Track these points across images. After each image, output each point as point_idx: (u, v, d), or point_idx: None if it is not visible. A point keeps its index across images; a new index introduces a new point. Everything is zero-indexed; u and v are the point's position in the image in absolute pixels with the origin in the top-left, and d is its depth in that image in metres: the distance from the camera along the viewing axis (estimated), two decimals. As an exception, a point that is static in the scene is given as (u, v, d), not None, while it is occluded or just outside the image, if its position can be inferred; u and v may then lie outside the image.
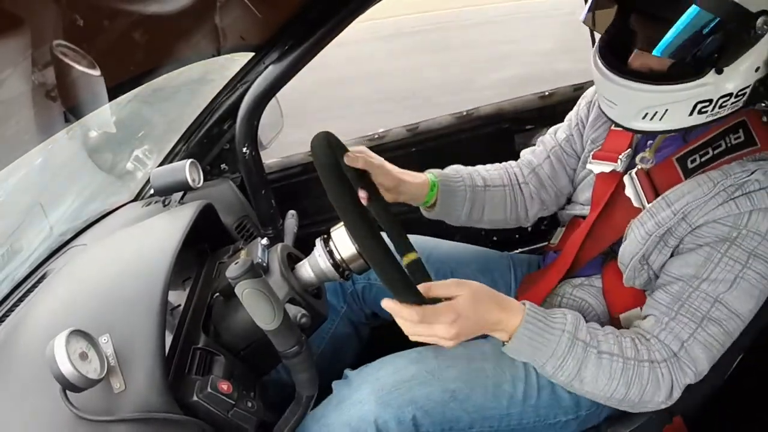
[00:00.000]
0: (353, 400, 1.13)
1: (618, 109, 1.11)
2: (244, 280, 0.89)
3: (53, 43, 1.14)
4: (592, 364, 1.04)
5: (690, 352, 1.05)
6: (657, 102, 1.05)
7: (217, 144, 1.87)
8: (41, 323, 1.05)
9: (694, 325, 1.05)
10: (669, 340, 1.06)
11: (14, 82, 1.15)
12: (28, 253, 1.50)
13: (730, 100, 1.05)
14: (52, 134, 1.42)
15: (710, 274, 1.05)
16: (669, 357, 1.05)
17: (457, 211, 1.40)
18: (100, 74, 1.29)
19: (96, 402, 0.86)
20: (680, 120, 1.07)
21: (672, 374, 1.05)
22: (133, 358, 0.91)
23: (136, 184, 1.80)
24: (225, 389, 0.95)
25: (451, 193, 1.38)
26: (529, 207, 1.48)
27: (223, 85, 1.78)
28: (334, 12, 1.53)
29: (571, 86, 2.21)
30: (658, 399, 1.06)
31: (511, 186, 1.47)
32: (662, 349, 1.06)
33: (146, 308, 0.99)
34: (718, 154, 1.10)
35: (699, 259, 1.06)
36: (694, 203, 1.07)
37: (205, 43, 1.56)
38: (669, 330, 1.06)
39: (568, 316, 1.07)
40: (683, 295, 1.06)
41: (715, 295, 1.04)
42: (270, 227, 1.82)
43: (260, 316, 0.91)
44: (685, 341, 1.05)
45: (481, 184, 1.43)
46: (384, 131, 2.14)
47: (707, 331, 1.04)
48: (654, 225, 1.11)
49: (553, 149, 1.47)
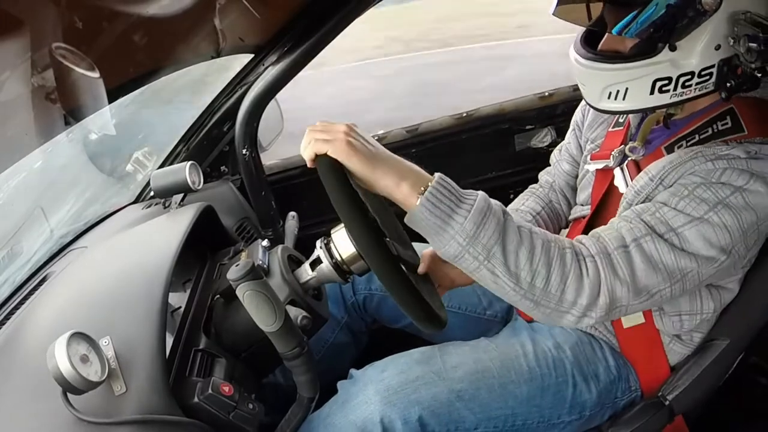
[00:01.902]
0: (359, 400, 1.14)
1: (588, 91, 1.15)
2: (245, 282, 0.89)
3: (53, 45, 1.14)
4: (513, 232, 0.93)
5: (629, 255, 0.97)
6: (617, 80, 1.08)
7: (217, 146, 1.87)
8: (42, 326, 1.05)
9: (645, 232, 0.98)
10: (610, 238, 0.99)
11: (14, 84, 1.15)
12: (29, 255, 1.50)
13: (694, 80, 1.05)
14: (52, 137, 1.42)
15: (675, 205, 1.00)
16: (598, 252, 0.97)
17: None
18: (99, 76, 1.29)
19: (97, 404, 0.86)
20: (642, 99, 1.08)
21: (600, 270, 0.96)
22: (133, 360, 0.91)
23: (136, 186, 1.81)
24: (226, 391, 0.95)
25: None
26: (561, 220, 1.52)
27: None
28: (333, 13, 1.53)
29: (571, 86, 2.21)
30: (581, 299, 0.95)
31: (548, 204, 1.51)
32: (591, 246, 0.98)
33: (147, 310, 0.99)
34: (704, 139, 1.11)
35: (666, 193, 1.03)
36: (670, 166, 1.07)
37: (204, 45, 1.56)
38: (614, 229, 1.01)
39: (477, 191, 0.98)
40: (645, 212, 1.01)
41: (674, 224, 0.99)
42: (270, 229, 1.83)
43: (261, 318, 0.91)
44: (628, 243, 0.98)
45: (531, 218, 1.46)
46: (384, 132, 2.14)
47: (656, 245, 0.98)
48: (634, 194, 1.12)
49: (557, 164, 1.53)
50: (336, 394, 1.21)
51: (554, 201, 1.52)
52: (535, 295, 0.95)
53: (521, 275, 0.94)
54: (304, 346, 0.97)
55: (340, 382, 1.22)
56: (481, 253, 0.92)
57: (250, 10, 1.45)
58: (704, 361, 1.20)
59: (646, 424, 1.21)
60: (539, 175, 1.59)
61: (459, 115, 2.17)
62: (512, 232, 0.94)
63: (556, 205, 1.52)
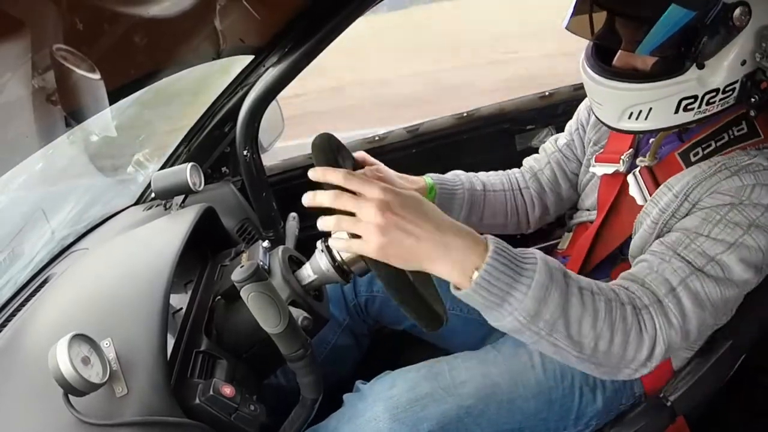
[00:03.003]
0: (367, 417, 1.13)
1: (604, 110, 1.11)
2: (250, 284, 0.88)
3: (53, 46, 1.14)
4: (576, 299, 0.88)
5: (678, 298, 0.95)
6: (640, 100, 1.05)
7: (217, 147, 1.87)
8: (43, 327, 1.05)
9: (688, 271, 0.97)
10: (657, 284, 0.97)
11: (14, 86, 1.15)
12: (30, 257, 1.50)
13: (718, 97, 1.03)
14: (53, 139, 1.42)
15: (710, 232, 0.99)
16: (652, 303, 0.95)
17: (455, 214, 1.39)
18: (100, 78, 1.29)
19: (98, 406, 0.86)
20: (666, 118, 1.06)
21: (656, 323, 0.93)
22: (135, 361, 0.91)
23: (137, 188, 1.81)
24: (227, 392, 0.95)
25: (448, 195, 1.38)
26: (530, 212, 1.49)
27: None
28: (333, 13, 1.53)
29: (572, 86, 2.21)
30: (641, 354, 0.93)
31: (512, 191, 1.48)
32: (644, 295, 0.95)
33: (148, 312, 0.99)
34: (721, 146, 1.09)
35: (697, 219, 1.02)
36: (694, 182, 1.05)
37: (205, 46, 1.56)
38: (659, 272, 0.98)
39: (536, 251, 0.91)
40: (680, 246, 1.00)
41: (712, 253, 0.98)
42: (271, 230, 1.82)
43: (266, 320, 0.91)
44: (675, 287, 0.96)
45: (480, 188, 1.43)
46: (384, 133, 2.14)
47: (701, 282, 0.96)
48: (658, 212, 1.09)
49: (553, 154, 1.50)
50: (342, 406, 1.20)
51: (533, 189, 1.48)
52: (598, 359, 0.92)
53: (584, 342, 0.90)
54: (307, 348, 0.97)
55: (346, 396, 1.21)
56: (543, 329, 0.87)
57: (251, 11, 1.45)
58: (706, 362, 1.19)
59: (648, 425, 1.20)
60: (524, 160, 1.55)
61: (459, 115, 2.17)
62: (575, 300, 0.88)
63: (530, 192, 1.47)
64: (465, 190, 1.40)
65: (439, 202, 1.36)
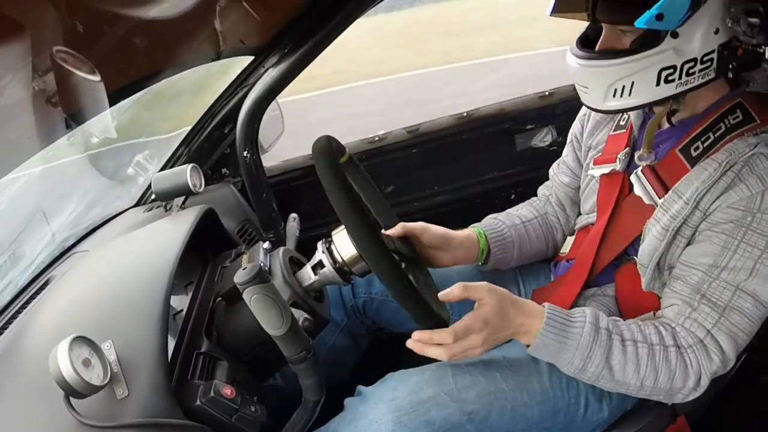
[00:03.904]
0: (369, 420, 1.12)
1: (590, 93, 1.14)
2: (252, 286, 0.88)
3: (53, 48, 1.14)
4: (618, 352, 1.05)
5: (715, 339, 1.05)
6: (623, 74, 1.07)
7: (217, 148, 1.88)
8: (44, 330, 1.05)
9: (717, 315, 1.04)
10: (695, 329, 1.06)
11: (15, 88, 1.15)
12: (31, 259, 1.50)
13: (697, 67, 1.05)
14: (53, 140, 1.42)
15: (729, 262, 1.04)
16: (695, 343, 1.05)
17: (509, 254, 1.43)
18: (100, 80, 1.29)
19: (99, 408, 0.86)
20: (649, 92, 1.08)
21: (700, 361, 1.05)
22: (136, 363, 0.91)
23: (138, 190, 1.81)
24: (228, 394, 0.95)
25: (500, 237, 1.41)
26: (555, 233, 1.51)
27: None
28: (332, 14, 1.53)
29: (571, 86, 2.20)
30: (689, 385, 1.06)
31: (541, 216, 1.51)
32: (688, 336, 1.06)
33: (149, 314, 0.99)
34: (720, 136, 1.11)
35: (716, 248, 1.06)
36: (703, 188, 1.07)
37: (204, 47, 1.56)
38: (693, 319, 1.06)
39: (586, 310, 1.09)
40: (703, 286, 1.06)
41: (735, 283, 1.04)
42: (272, 231, 1.82)
43: (268, 322, 0.91)
44: (710, 329, 1.05)
45: (519, 222, 1.46)
46: (384, 133, 2.14)
47: (730, 320, 1.04)
48: (669, 219, 1.11)
49: (555, 177, 1.53)
50: (343, 410, 1.19)
51: (550, 214, 1.51)
52: (647, 393, 1.09)
53: (630, 383, 1.07)
54: (310, 350, 0.97)
55: (347, 400, 1.20)
56: (591, 378, 1.08)
57: (250, 12, 1.45)
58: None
59: (649, 425, 1.20)
60: (538, 190, 1.58)
61: (459, 115, 2.17)
62: (617, 353, 1.06)
63: (551, 218, 1.51)
64: (509, 229, 1.43)
65: (494, 246, 1.40)
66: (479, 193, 2.23)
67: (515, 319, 1.07)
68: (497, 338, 1.07)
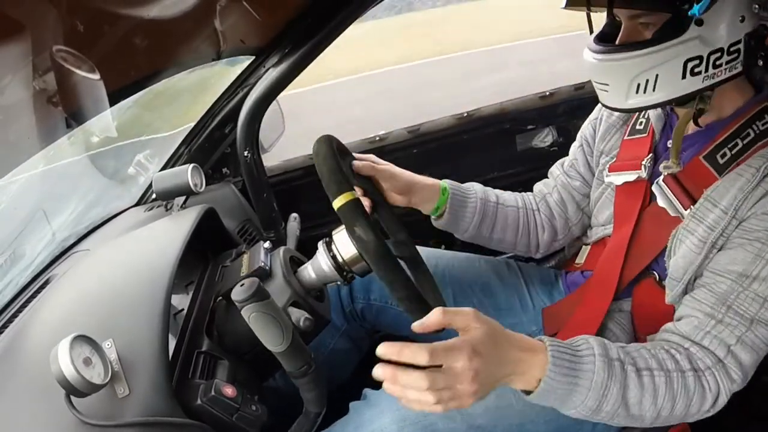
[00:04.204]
0: (375, 427, 1.11)
1: (611, 90, 1.08)
2: (251, 304, 0.87)
3: (54, 48, 1.14)
4: (634, 385, 0.94)
5: (737, 356, 0.98)
6: (646, 66, 1.02)
7: (218, 148, 1.88)
8: (45, 329, 1.05)
9: (743, 328, 0.98)
10: (714, 346, 0.99)
11: (15, 88, 1.15)
12: (31, 258, 1.50)
13: (724, 58, 1.00)
14: (53, 140, 1.42)
15: (760, 272, 0.98)
16: (714, 364, 0.98)
17: (466, 222, 1.37)
18: (100, 79, 1.29)
19: (100, 407, 0.86)
20: (675, 85, 1.02)
21: (719, 382, 0.98)
22: (136, 362, 0.91)
23: (138, 189, 1.81)
24: (229, 393, 0.95)
25: (461, 201, 1.36)
26: (540, 234, 1.45)
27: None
28: (333, 14, 1.53)
29: (572, 86, 2.21)
30: (704, 408, 0.99)
31: (525, 209, 1.44)
32: (705, 357, 0.98)
33: (149, 313, 0.99)
34: (749, 143, 1.06)
35: (748, 256, 0.99)
36: (741, 196, 1.01)
37: (205, 47, 1.56)
38: (715, 334, 0.99)
39: (590, 339, 0.97)
40: (731, 296, 0.99)
41: (765, 294, 0.98)
42: (272, 230, 1.82)
43: (268, 339, 0.90)
44: (732, 345, 0.98)
45: (494, 200, 1.41)
46: (385, 133, 2.14)
47: (755, 333, 0.98)
48: (706, 230, 1.04)
49: (558, 177, 1.47)
50: (348, 413, 1.18)
51: (541, 212, 1.45)
52: (661, 422, 0.99)
53: (646, 416, 0.97)
54: (311, 364, 0.97)
55: (352, 404, 1.19)
56: (605, 417, 0.96)
57: (251, 12, 1.45)
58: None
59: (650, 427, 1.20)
60: (534, 186, 1.53)
61: (460, 115, 2.17)
62: (633, 386, 0.94)
63: (539, 216, 1.45)
64: (478, 199, 1.38)
65: (451, 207, 1.34)
66: (480, 193, 2.22)
67: (510, 354, 0.88)
68: (490, 378, 0.86)
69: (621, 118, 1.33)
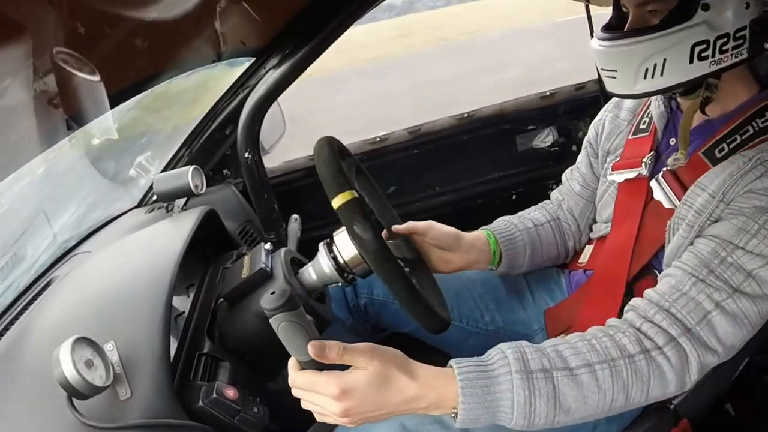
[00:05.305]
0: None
1: (619, 76, 1.09)
2: (282, 313, 0.86)
3: (54, 50, 1.14)
4: (569, 389, 0.89)
5: (713, 325, 0.93)
6: (654, 50, 1.03)
7: (219, 149, 1.88)
8: (46, 331, 1.05)
9: (725, 294, 0.94)
10: (687, 311, 0.94)
11: (16, 90, 1.16)
12: (33, 260, 1.50)
13: (730, 43, 1.02)
14: (54, 142, 1.42)
15: (746, 244, 0.95)
16: (681, 334, 0.92)
17: (521, 259, 1.37)
18: (101, 81, 1.29)
19: (102, 409, 0.86)
20: (682, 70, 1.03)
21: (688, 353, 0.92)
22: (138, 364, 0.91)
23: (139, 191, 1.81)
24: (230, 395, 0.95)
25: (510, 240, 1.36)
26: (567, 241, 1.46)
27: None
28: (334, 15, 1.53)
29: (573, 85, 2.21)
30: (671, 388, 0.93)
31: (554, 220, 1.46)
32: (669, 328, 0.93)
33: (151, 315, 0.99)
34: (747, 139, 1.06)
35: (733, 227, 0.97)
36: (730, 180, 1.00)
37: (205, 49, 1.56)
38: (690, 297, 0.94)
39: (507, 351, 0.91)
40: (715, 259, 0.96)
41: (749, 267, 0.94)
42: (273, 232, 1.82)
43: (295, 349, 0.88)
44: (710, 311, 0.93)
45: (532, 225, 1.41)
46: (386, 134, 2.15)
47: (738, 303, 0.93)
48: (694, 215, 1.04)
49: (567, 182, 1.48)
50: None
51: (562, 219, 1.46)
52: (618, 411, 0.94)
53: (598, 412, 0.92)
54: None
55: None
56: (547, 425, 0.90)
57: (251, 13, 1.45)
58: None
59: (651, 429, 1.20)
60: (551, 194, 1.54)
61: (460, 116, 2.17)
62: (569, 391, 0.89)
63: (564, 224, 1.46)
64: (521, 232, 1.38)
65: (505, 250, 1.34)
66: (480, 194, 2.23)
67: (403, 392, 0.87)
68: (370, 412, 0.87)
69: (626, 119, 1.33)
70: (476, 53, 10.73)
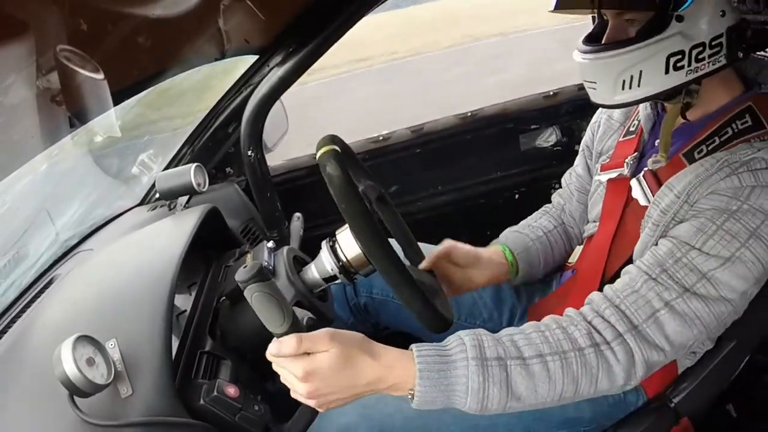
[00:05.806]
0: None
1: (599, 87, 1.11)
2: (253, 284, 0.88)
3: (57, 48, 1.14)
4: (522, 378, 0.91)
5: (660, 324, 0.94)
6: (630, 63, 1.04)
7: (222, 147, 1.88)
8: (48, 329, 1.05)
9: (675, 294, 0.95)
10: (635, 308, 0.95)
11: (19, 87, 1.16)
12: (35, 258, 1.50)
13: (706, 52, 1.03)
14: (57, 140, 1.42)
15: (703, 245, 0.95)
16: (626, 331, 0.94)
17: (536, 267, 1.40)
18: (104, 79, 1.29)
19: (103, 407, 0.86)
20: (659, 80, 1.05)
21: (633, 350, 0.94)
22: (139, 362, 0.91)
23: (142, 189, 1.81)
24: (232, 393, 0.95)
25: (526, 251, 1.38)
26: (573, 242, 1.48)
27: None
28: (337, 13, 1.53)
29: (576, 85, 2.21)
30: (617, 383, 0.95)
31: (560, 225, 1.48)
32: (616, 324, 0.95)
33: (152, 313, 0.99)
34: (725, 141, 1.07)
35: (692, 228, 0.98)
36: (696, 182, 1.02)
37: (209, 47, 1.56)
38: (640, 294, 0.96)
39: (465, 338, 0.94)
40: (670, 259, 0.97)
41: (705, 269, 0.95)
42: (275, 230, 1.82)
43: (269, 320, 0.90)
44: (658, 309, 0.94)
45: (542, 233, 1.43)
46: (388, 133, 2.14)
47: (688, 304, 0.94)
48: (659, 214, 1.06)
49: (568, 186, 1.50)
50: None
51: (566, 223, 1.49)
52: (569, 401, 0.96)
53: (548, 401, 0.94)
54: None
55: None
56: (498, 411, 0.93)
57: (255, 11, 1.45)
58: (710, 362, 1.18)
59: (652, 427, 1.20)
60: (552, 197, 1.56)
61: (463, 115, 2.17)
62: (521, 380, 0.91)
63: (568, 228, 1.48)
64: (534, 242, 1.40)
65: (522, 260, 1.36)
66: (483, 193, 2.23)
67: (364, 373, 0.90)
68: (334, 393, 0.90)
69: (619, 120, 1.35)
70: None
